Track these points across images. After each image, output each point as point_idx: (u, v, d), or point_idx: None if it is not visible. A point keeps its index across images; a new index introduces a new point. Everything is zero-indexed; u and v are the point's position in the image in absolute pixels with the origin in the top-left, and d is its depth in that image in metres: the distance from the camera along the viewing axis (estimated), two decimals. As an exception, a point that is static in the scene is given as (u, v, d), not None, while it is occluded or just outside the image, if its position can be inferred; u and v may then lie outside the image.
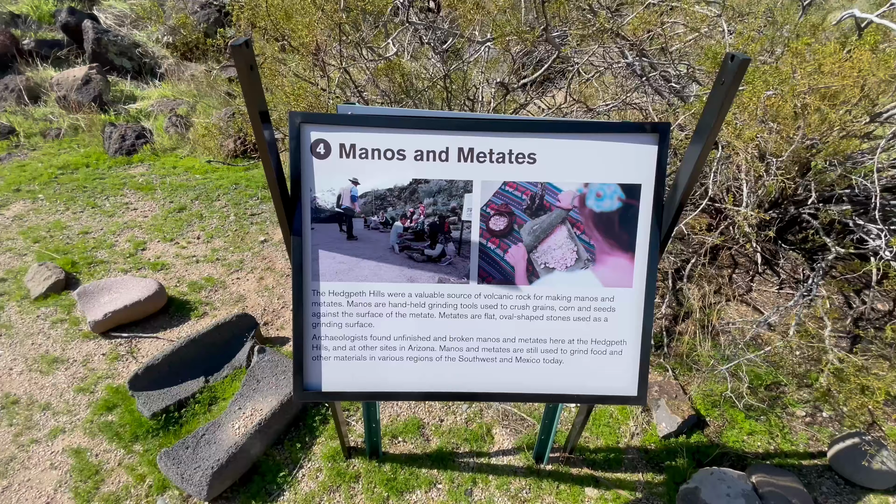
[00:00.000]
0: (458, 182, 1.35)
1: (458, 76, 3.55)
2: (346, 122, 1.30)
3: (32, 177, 5.01)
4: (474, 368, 1.42)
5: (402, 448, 2.33)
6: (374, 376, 1.42)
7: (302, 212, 1.32)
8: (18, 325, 3.02)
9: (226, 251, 3.94)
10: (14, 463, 2.18)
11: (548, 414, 2.07)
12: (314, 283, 1.37)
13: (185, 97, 7.03)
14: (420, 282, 1.38)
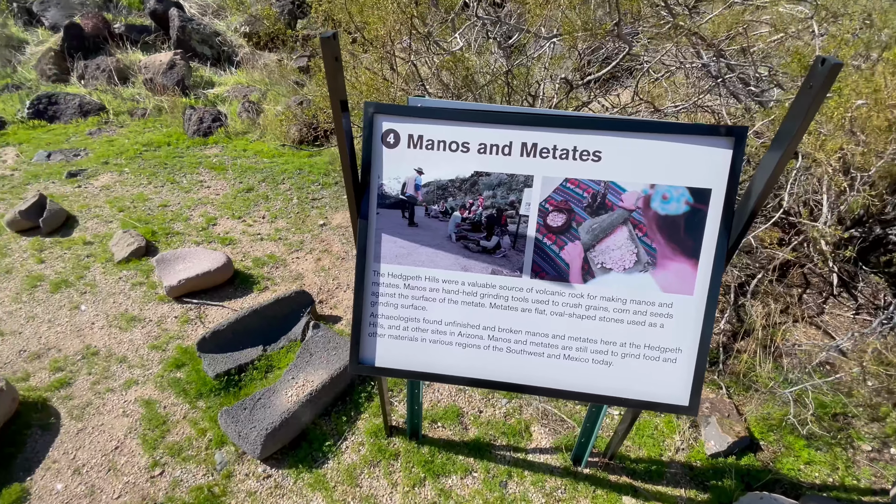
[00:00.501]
0: (519, 176, 1.36)
1: (520, 72, 3.53)
2: (416, 113, 1.35)
3: (119, 151, 5.52)
4: (521, 361, 1.44)
5: (440, 433, 2.39)
6: (424, 357, 1.47)
7: (370, 197, 1.40)
8: (102, 284, 3.36)
9: (287, 231, 4.17)
10: (90, 408, 2.46)
11: (590, 417, 2.05)
12: (375, 264, 1.44)
13: (258, 85, 7.46)
14: (474, 271, 1.42)
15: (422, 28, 3.02)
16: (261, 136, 6.13)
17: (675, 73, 3.59)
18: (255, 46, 8.35)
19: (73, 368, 2.65)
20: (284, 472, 2.18)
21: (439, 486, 2.15)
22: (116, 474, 2.14)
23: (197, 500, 2.03)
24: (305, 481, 2.15)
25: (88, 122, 6.19)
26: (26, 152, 5.39)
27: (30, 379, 2.57)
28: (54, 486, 2.07)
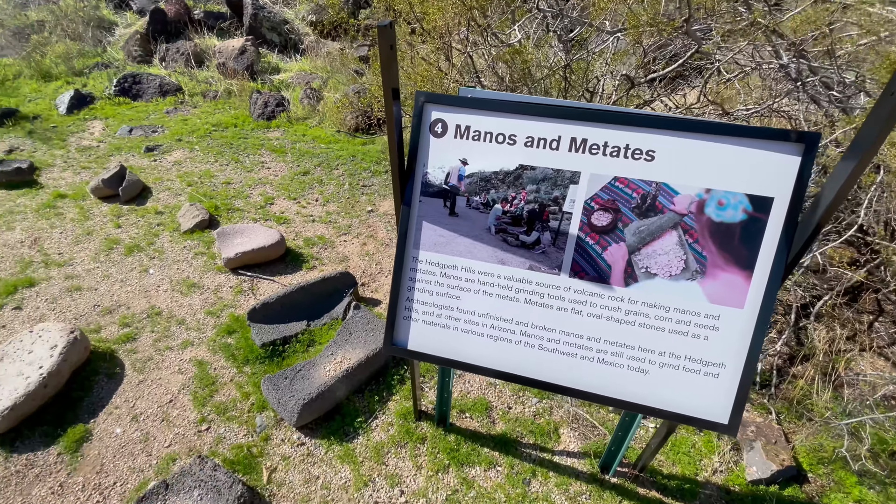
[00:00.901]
0: (566, 172, 1.34)
1: (579, 66, 3.43)
2: (465, 104, 1.35)
3: (191, 130, 5.91)
4: (552, 359, 1.43)
5: (467, 424, 2.42)
6: (455, 345, 1.49)
7: (413, 185, 1.42)
8: (168, 251, 3.65)
9: (337, 215, 4.33)
10: (150, 363, 2.69)
11: (623, 425, 1.99)
12: (415, 250, 1.47)
13: (320, 72, 7.73)
14: (510, 265, 1.41)
15: (481, 20, 3.00)
16: (319, 123, 6.37)
17: (751, 74, 3.34)
18: (320, 35, 8.65)
19: (139, 325, 2.91)
20: (317, 441, 2.29)
21: (462, 475, 2.17)
22: (168, 425, 2.33)
23: (237, 457, 2.18)
24: (335, 453, 2.24)
25: (166, 102, 6.68)
26: (111, 126, 5.91)
27: (101, 331, 2.85)
28: (114, 430, 2.30)
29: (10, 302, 3.02)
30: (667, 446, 2.34)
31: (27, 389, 2.23)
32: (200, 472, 2.01)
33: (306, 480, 2.12)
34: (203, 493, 1.95)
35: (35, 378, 2.28)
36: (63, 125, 5.81)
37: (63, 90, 6.55)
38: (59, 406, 2.36)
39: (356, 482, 2.12)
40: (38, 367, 2.33)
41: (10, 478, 2.06)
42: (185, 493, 1.95)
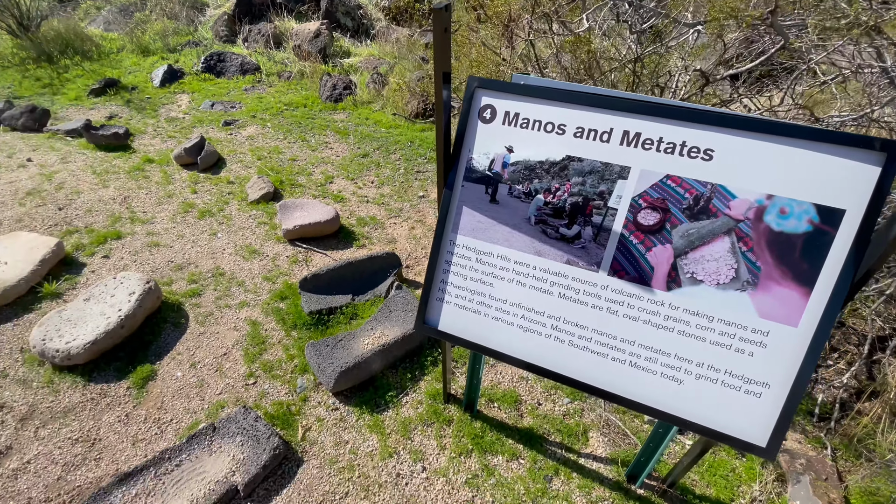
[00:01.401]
0: (615, 166, 1.29)
1: (651, 60, 3.25)
2: (516, 90, 1.34)
3: (265, 108, 6.27)
4: (582, 357, 1.40)
5: (495, 413, 2.43)
6: (484, 331, 1.51)
7: (458, 169, 1.44)
8: (236, 218, 3.93)
9: (390, 198, 4.45)
10: (210, 318, 2.93)
11: (655, 437, 1.92)
12: (453, 234, 1.49)
13: (388, 58, 7.88)
14: (547, 257, 1.40)
15: (548, 6, 2.92)
16: (382, 107, 6.52)
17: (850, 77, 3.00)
18: (392, 20, 8.81)
19: (204, 283, 3.19)
20: (350, 408, 2.41)
21: (484, 462, 2.20)
22: (221, 375, 2.55)
23: (276, 412, 2.35)
24: (366, 422, 2.35)
25: (245, 80, 7.13)
26: (196, 100, 6.40)
27: (172, 284, 3.15)
28: (175, 373, 2.55)
29: (101, 251, 3.41)
30: (703, 466, 2.23)
31: (107, 328, 2.53)
32: (244, 420, 2.19)
33: (336, 443, 2.25)
34: (244, 439, 2.13)
35: (114, 319, 2.57)
36: (156, 97, 6.38)
37: (158, 65, 7.18)
38: (131, 346, 2.65)
39: (382, 452, 2.21)
40: (117, 310, 2.63)
41: (86, 403, 2.36)
42: (228, 438, 2.14)
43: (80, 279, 3.13)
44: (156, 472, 1.98)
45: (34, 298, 2.93)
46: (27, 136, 5.06)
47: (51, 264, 3.11)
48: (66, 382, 2.43)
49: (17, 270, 2.93)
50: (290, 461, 2.15)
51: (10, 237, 3.24)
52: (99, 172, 4.42)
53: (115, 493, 1.89)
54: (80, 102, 6.05)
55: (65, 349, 2.41)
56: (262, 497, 2.00)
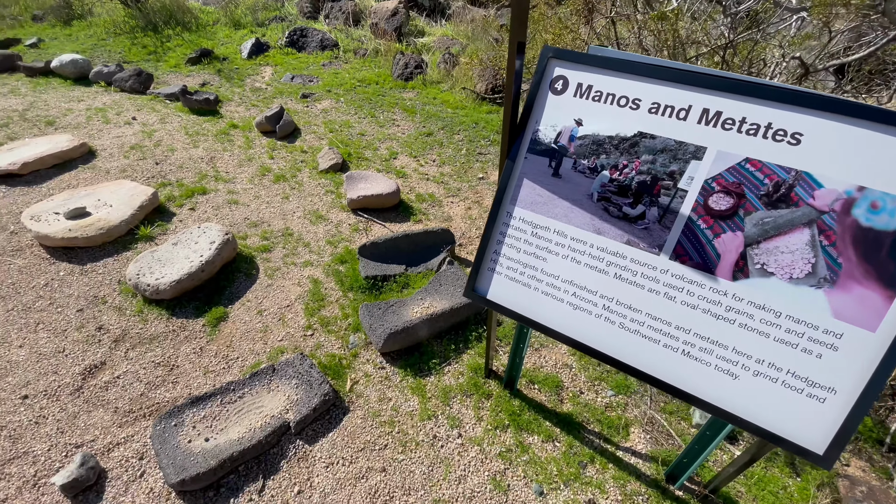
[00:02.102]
0: (689, 146, 1.24)
1: (745, 47, 3.01)
2: (592, 62, 1.32)
3: (340, 83, 6.51)
4: (632, 340, 1.38)
5: (534, 395, 2.44)
6: (532, 305, 1.52)
7: (522, 140, 1.45)
8: (306, 185, 4.17)
9: (450, 177, 4.50)
10: (278, 272, 3.16)
11: (702, 438, 1.85)
12: (510, 206, 1.51)
13: (461, 38, 7.86)
14: (606, 236, 1.38)
15: (635, -15, 2.77)
16: (451, 88, 6.55)
17: None
18: (468, 0, 8.74)
19: (274, 241, 3.43)
20: (395, 369, 2.53)
21: (520, 439, 2.23)
22: (283, 324, 2.76)
23: (330, 363, 2.51)
24: (409, 384, 2.46)
25: (324, 56, 7.42)
26: (278, 73, 6.78)
27: (246, 239, 3.43)
28: (244, 317, 2.79)
29: (188, 203, 3.77)
30: (752, 479, 2.12)
31: (190, 270, 2.81)
32: (300, 365, 2.37)
33: (380, 399, 2.37)
34: (299, 382, 2.31)
35: (197, 263, 2.86)
36: (243, 68, 6.83)
37: (247, 38, 7.66)
38: (208, 289, 2.93)
39: (421, 413, 2.31)
40: (199, 256, 2.91)
41: (169, 334, 2.66)
42: (286, 379, 2.33)
43: (170, 226, 3.49)
44: (221, 399, 2.21)
45: (131, 239, 3.31)
46: (133, 96, 5.63)
47: (147, 211, 3.49)
48: (154, 314, 2.75)
49: (120, 213, 3.32)
50: (338, 408, 2.31)
51: (115, 184, 3.67)
52: (191, 134, 4.84)
53: (187, 412, 2.14)
54: (178, 69, 6.61)
55: (154, 284, 2.72)
56: (310, 437, 2.17)
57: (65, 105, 5.20)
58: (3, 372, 2.36)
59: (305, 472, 2.05)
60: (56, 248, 3.14)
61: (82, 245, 3.13)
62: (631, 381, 2.53)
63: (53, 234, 3.05)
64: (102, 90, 5.70)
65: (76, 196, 3.46)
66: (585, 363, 2.64)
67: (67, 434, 2.12)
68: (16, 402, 2.24)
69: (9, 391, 2.28)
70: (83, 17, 8.12)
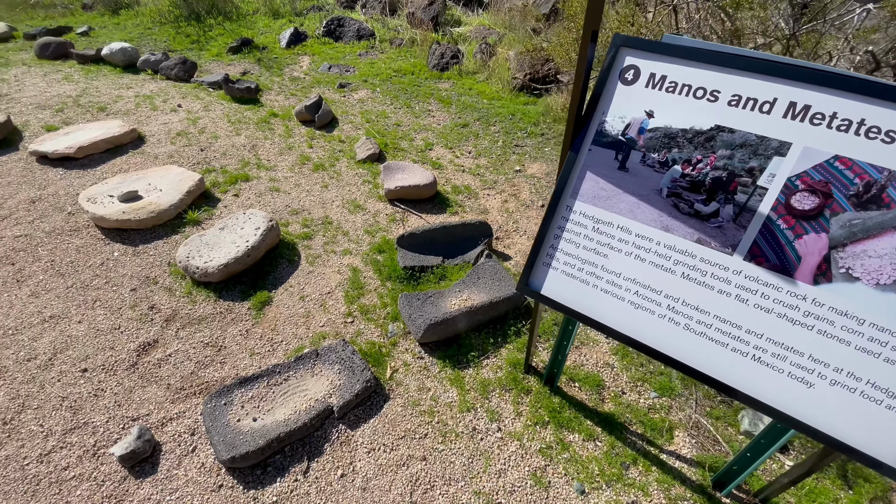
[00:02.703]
0: (772, 141, 1.18)
1: (809, 39, 2.84)
2: (667, 51, 1.26)
3: (376, 73, 6.52)
4: (697, 343, 1.33)
5: (574, 393, 2.41)
6: (589, 302, 1.49)
7: (587, 132, 1.41)
8: (344, 175, 4.21)
9: (486, 169, 4.46)
10: (318, 260, 3.21)
11: (755, 446, 1.79)
12: (570, 200, 1.47)
13: (498, 28, 7.75)
14: (675, 234, 1.33)
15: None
16: (487, 78, 6.47)
17: None
18: (506, -10, 8.57)
19: (314, 228, 3.49)
20: (433, 359, 2.54)
21: (560, 436, 2.21)
22: (324, 310, 2.81)
23: (370, 351, 2.54)
24: (447, 375, 2.46)
25: (360, 45, 7.45)
26: (315, 62, 6.84)
27: (288, 226, 3.49)
28: (286, 302, 2.86)
29: (232, 189, 3.86)
30: (802, 489, 2.04)
31: (237, 254, 2.89)
32: (342, 351, 2.41)
33: (419, 388, 2.39)
34: (342, 368, 2.34)
35: (243, 248, 2.93)
36: (282, 57, 6.93)
37: (286, 27, 7.76)
38: (253, 274, 3.01)
39: (460, 405, 2.31)
40: (245, 241, 2.99)
41: (216, 315, 2.74)
42: (328, 365, 2.37)
43: (215, 211, 3.59)
44: (268, 381, 2.27)
45: (180, 223, 3.42)
46: (178, 84, 5.80)
47: (194, 196, 3.60)
48: (202, 295, 2.84)
49: (169, 197, 3.44)
50: (378, 396, 2.33)
51: (164, 169, 3.80)
52: (233, 121, 4.95)
53: (235, 392, 2.20)
54: (220, 58, 6.76)
55: (203, 267, 2.81)
56: (352, 422, 2.21)
57: (115, 92, 5.40)
58: (65, 345, 2.49)
59: (348, 457, 2.08)
60: (110, 230, 3.27)
61: (134, 227, 3.26)
62: (675, 384, 2.47)
63: (108, 216, 3.18)
64: (149, 78, 5.88)
65: (128, 180, 3.60)
66: (627, 363, 2.58)
67: (124, 407, 2.22)
68: (76, 374, 2.36)
69: (69, 364, 2.40)
70: (130, 6, 8.38)
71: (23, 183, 3.72)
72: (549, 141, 5.04)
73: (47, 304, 2.71)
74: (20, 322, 2.60)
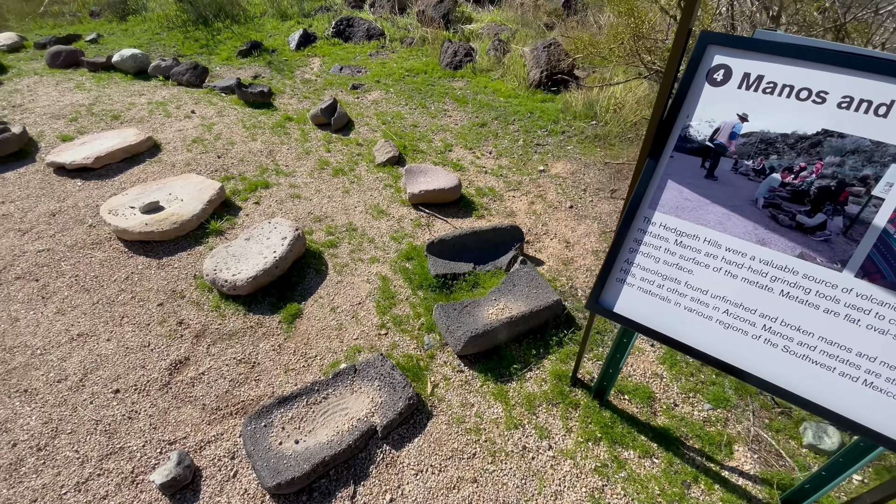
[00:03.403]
0: (890, 147, 1.06)
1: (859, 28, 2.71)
2: (764, 48, 1.15)
3: (388, 73, 6.41)
4: (798, 367, 1.22)
5: (625, 406, 2.31)
6: (671, 321, 1.38)
7: (670, 137, 1.30)
8: (364, 179, 4.11)
9: (508, 170, 4.34)
10: (346, 269, 3.11)
11: (833, 465, 1.68)
12: (649, 211, 1.36)
13: (510, 24, 7.61)
14: (773, 248, 1.22)
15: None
16: (502, 76, 6.34)
17: None
18: (516, -15, 8.42)
19: (339, 236, 3.39)
20: (474, 373, 2.44)
21: (614, 453, 2.10)
22: (357, 322, 2.72)
23: (407, 364, 2.45)
24: (490, 389, 2.36)
25: (370, 45, 7.34)
26: (326, 64, 6.74)
27: (312, 234, 3.40)
28: (317, 314, 2.76)
29: (252, 197, 3.77)
30: (878, 508, 1.92)
31: (265, 266, 2.80)
32: (381, 367, 2.32)
33: (462, 404, 2.29)
34: (382, 384, 2.25)
35: (271, 259, 2.84)
36: (292, 59, 6.83)
37: (294, 29, 7.66)
38: (281, 285, 2.92)
39: (507, 421, 2.22)
40: (272, 251, 2.90)
41: (247, 330, 2.65)
42: (368, 381, 2.28)
43: (237, 220, 3.50)
44: (307, 400, 2.18)
45: (202, 233, 3.34)
46: (190, 90, 5.71)
47: (215, 205, 3.51)
48: (230, 309, 2.76)
49: (191, 207, 3.35)
50: (421, 413, 2.24)
51: (183, 178, 3.71)
52: (248, 127, 4.86)
53: (275, 412, 2.12)
54: (230, 62, 6.67)
55: (232, 280, 2.72)
56: (397, 441, 2.12)
57: (127, 99, 5.33)
58: (95, 365, 2.41)
59: (395, 480, 1.99)
60: (133, 242, 3.19)
61: (157, 239, 3.18)
62: (729, 394, 2.36)
63: (131, 229, 3.10)
64: (161, 84, 5.81)
65: (148, 190, 3.52)
66: (677, 373, 2.47)
67: (160, 430, 2.14)
68: (108, 396, 2.28)
69: (101, 385, 2.32)
70: (137, 11, 8.31)
71: (42, 195, 3.65)
72: (571, 139, 4.92)
73: (74, 322, 2.63)
74: (48, 341, 2.52)
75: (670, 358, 2.54)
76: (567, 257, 3.28)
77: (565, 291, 2.98)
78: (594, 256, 3.28)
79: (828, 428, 2.18)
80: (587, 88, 5.54)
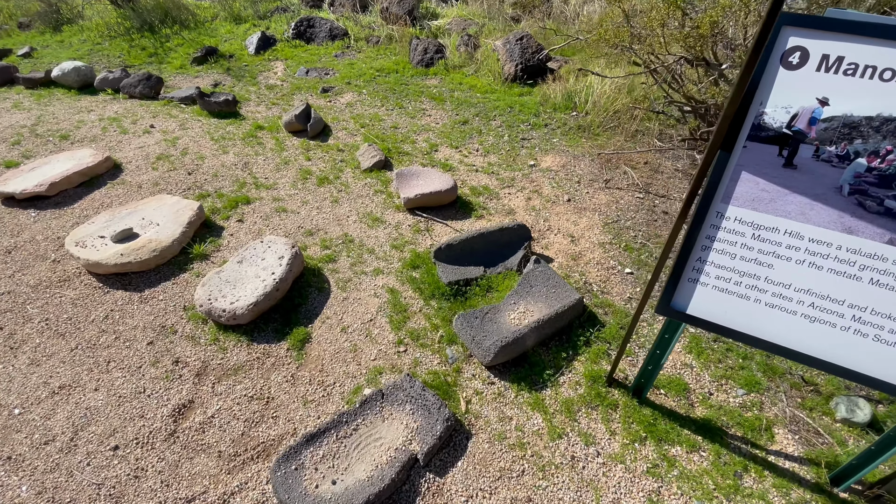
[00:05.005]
0: (984, 124, 1.03)
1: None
2: (843, 28, 1.09)
3: (358, 74, 6.17)
4: (892, 355, 1.18)
5: (662, 401, 2.27)
6: (751, 319, 1.32)
7: (742, 126, 1.22)
8: (353, 186, 3.91)
9: (498, 167, 4.25)
10: (350, 284, 2.93)
11: (884, 441, 1.68)
12: (722, 205, 1.29)
13: (476, 18, 7.52)
14: (860, 236, 1.17)
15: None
16: (476, 72, 6.24)
17: None
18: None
19: (336, 249, 3.19)
20: (506, 384, 2.33)
21: (662, 452, 2.06)
22: (371, 341, 2.55)
23: (435, 381, 2.31)
24: (525, 399, 2.26)
25: (335, 46, 7.05)
26: (290, 67, 6.42)
27: (307, 249, 3.18)
28: (328, 336, 2.57)
29: (234, 215, 3.50)
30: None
31: (265, 290, 2.58)
32: (410, 388, 2.17)
33: (500, 419, 2.18)
34: (414, 408, 2.10)
35: (269, 281, 2.62)
36: (252, 64, 6.46)
37: (251, 32, 7.25)
38: (284, 308, 2.70)
39: (550, 432, 2.12)
40: (270, 273, 2.67)
41: (254, 361, 2.43)
42: (398, 405, 2.12)
43: (222, 241, 3.23)
44: (336, 434, 2.00)
45: (185, 259, 3.05)
46: (145, 103, 5.28)
47: (195, 226, 3.23)
48: (231, 341, 2.52)
49: (170, 231, 3.06)
50: (460, 433, 2.11)
51: (156, 199, 3.39)
52: (216, 139, 4.54)
53: (304, 452, 1.93)
54: (185, 71, 6.23)
55: (230, 309, 2.49)
56: (439, 468, 1.98)
57: (75, 117, 4.86)
58: (85, 420, 2.13)
59: (445, 509, 1.86)
60: (107, 276, 2.88)
61: (136, 270, 2.88)
62: (759, 377, 2.36)
63: (105, 261, 2.78)
64: (111, 98, 5.34)
65: (118, 216, 3.19)
66: (705, 361, 2.46)
67: (174, 487, 1.91)
68: (107, 454, 2.02)
69: (96, 442, 2.05)
70: (73, 21, 7.65)
71: (-10, 231, 3.24)
72: (555, 131, 4.89)
73: (53, 373, 2.33)
74: (25, 398, 2.21)
75: (696, 346, 2.53)
76: (575, 252, 3.22)
77: (580, 287, 2.92)
78: (602, 249, 3.24)
79: (859, 401, 2.22)
80: (562, 80, 5.53)
